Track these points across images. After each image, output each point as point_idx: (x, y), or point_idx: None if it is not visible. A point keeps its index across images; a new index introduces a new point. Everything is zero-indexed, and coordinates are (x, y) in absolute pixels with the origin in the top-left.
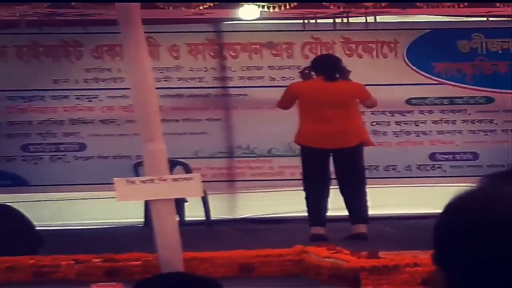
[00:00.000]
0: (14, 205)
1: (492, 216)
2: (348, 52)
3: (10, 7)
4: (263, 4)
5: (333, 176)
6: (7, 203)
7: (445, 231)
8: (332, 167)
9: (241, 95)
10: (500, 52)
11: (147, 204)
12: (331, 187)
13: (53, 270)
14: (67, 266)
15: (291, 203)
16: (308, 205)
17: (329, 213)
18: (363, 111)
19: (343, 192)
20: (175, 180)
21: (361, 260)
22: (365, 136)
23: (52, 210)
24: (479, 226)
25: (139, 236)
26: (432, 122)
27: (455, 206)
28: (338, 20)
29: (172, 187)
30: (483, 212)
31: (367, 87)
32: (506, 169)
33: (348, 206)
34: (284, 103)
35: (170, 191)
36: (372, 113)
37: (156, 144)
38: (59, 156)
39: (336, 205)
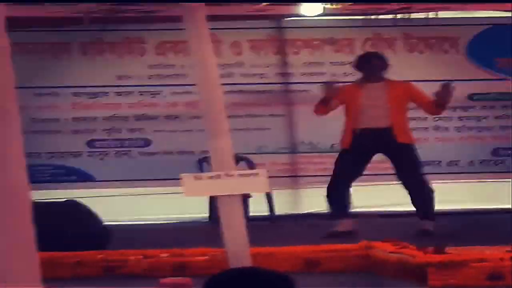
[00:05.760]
0: (81, 201)
1: None
2: (409, 48)
3: (75, 5)
4: (326, 2)
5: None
6: (74, 199)
7: None
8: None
9: (303, 91)
10: None
11: (211, 199)
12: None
13: (121, 264)
14: (135, 261)
15: (355, 197)
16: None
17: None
18: None
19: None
20: (242, 175)
21: (427, 256)
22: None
23: (118, 206)
24: None
25: (204, 231)
26: (495, 118)
27: None
28: (399, 16)
29: (239, 183)
30: None
31: (428, 83)
32: None
33: (413, 202)
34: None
35: (237, 186)
36: None
37: (223, 140)
38: (124, 151)
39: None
